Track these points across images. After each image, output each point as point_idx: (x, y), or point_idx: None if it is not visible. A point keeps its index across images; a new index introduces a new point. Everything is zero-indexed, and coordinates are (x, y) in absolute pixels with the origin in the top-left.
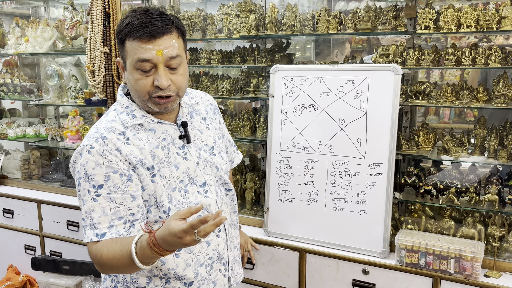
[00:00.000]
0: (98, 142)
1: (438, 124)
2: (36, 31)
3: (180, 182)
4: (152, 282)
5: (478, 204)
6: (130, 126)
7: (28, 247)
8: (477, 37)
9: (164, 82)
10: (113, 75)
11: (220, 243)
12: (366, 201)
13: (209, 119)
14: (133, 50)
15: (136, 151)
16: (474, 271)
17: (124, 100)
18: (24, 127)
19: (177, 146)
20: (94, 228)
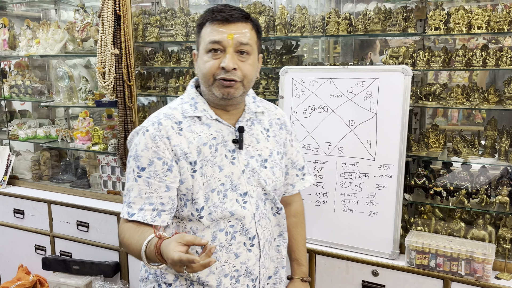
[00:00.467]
0: (153, 126)
1: (446, 126)
2: (47, 33)
3: (221, 184)
4: (178, 281)
5: (488, 206)
6: (189, 116)
7: (38, 247)
8: (485, 38)
9: (230, 64)
10: (123, 77)
11: (251, 258)
12: (376, 203)
13: (272, 131)
14: (207, 33)
15: (184, 143)
16: (485, 273)
17: (193, 91)
18: (35, 128)
19: (227, 148)
20: (129, 206)
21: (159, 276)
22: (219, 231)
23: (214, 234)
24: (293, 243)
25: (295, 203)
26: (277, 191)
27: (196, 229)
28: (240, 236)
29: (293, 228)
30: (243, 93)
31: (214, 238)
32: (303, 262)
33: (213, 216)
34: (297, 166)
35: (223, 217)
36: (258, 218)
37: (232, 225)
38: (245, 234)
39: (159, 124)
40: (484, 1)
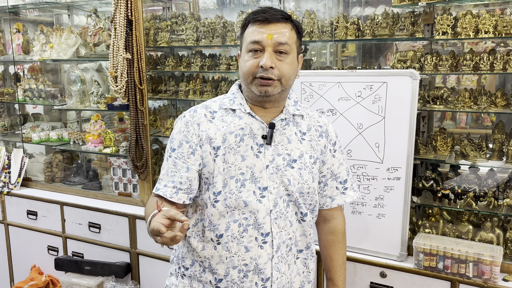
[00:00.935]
0: (189, 113)
1: (454, 129)
2: (60, 38)
3: (241, 173)
4: (194, 266)
5: (496, 209)
6: (224, 108)
7: (51, 247)
8: (494, 42)
9: (267, 62)
10: (135, 81)
11: (262, 255)
12: (384, 205)
13: (309, 136)
14: (249, 34)
15: (212, 130)
16: (492, 275)
17: (235, 88)
18: (48, 131)
19: (255, 141)
20: (158, 182)
21: (180, 259)
22: (233, 222)
23: (228, 224)
24: (329, 262)
25: (334, 220)
26: (305, 195)
27: (212, 216)
28: (252, 230)
29: (330, 247)
30: (282, 91)
31: (228, 228)
32: (339, 283)
33: (227, 202)
34: (338, 178)
35: (237, 206)
36: (275, 216)
37: (245, 218)
38: (257, 228)
39: (194, 111)
40: (492, 6)
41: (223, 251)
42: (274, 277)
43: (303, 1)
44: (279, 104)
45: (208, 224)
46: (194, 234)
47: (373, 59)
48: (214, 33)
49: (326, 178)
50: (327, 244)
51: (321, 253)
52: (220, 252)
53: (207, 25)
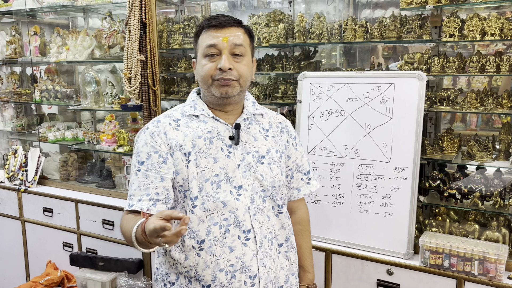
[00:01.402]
0: (153, 124)
1: (464, 131)
2: (76, 40)
3: (215, 175)
4: (179, 280)
5: (502, 208)
6: (187, 115)
7: (66, 244)
8: (505, 44)
9: (226, 64)
10: (149, 82)
11: (247, 253)
12: (391, 204)
13: (272, 132)
14: (203, 39)
15: (180, 137)
16: (497, 273)
17: (194, 95)
18: (63, 130)
19: (224, 142)
20: (130, 199)
21: (164, 276)
22: (213, 225)
23: (208, 228)
24: (298, 250)
25: (299, 210)
26: (277, 189)
27: (191, 223)
28: (234, 229)
29: (298, 236)
30: (240, 92)
31: (209, 232)
32: (309, 269)
33: (206, 205)
34: (302, 170)
35: (216, 207)
36: (253, 212)
37: (225, 218)
38: (238, 226)
39: (158, 121)
40: (503, 8)
41: (208, 256)
42: (261, 273)
43: (314, 3)
44: (238, 106)
45: (188, 232)
46: (174, 247)
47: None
48: None
49: (292, 171)
50: (295, 233)
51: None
52: (205, 257)
53: None
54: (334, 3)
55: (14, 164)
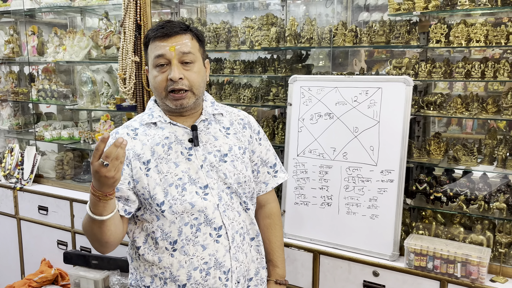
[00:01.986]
0: (112, 136)
1: (460, 134)
2: (73, 41)
3: (178, 179)
4: (154, 282)
5: (487, 212)
6: (145, 124)
7: (60, 242)
8: (502, 49)
9: (175, 74)
10: (143, 83)
11: (219, 249)
12: (378, 206)
13: (233, 129)
14: (152, 50)
15: (138, 146)
16: (480, 276)
17: (151, 103)
18: (59, 130)
19: (183, 146)
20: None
21: (139, 280)
22: (184, 225)
23: (180, 229)
24: (268, 245)
25: (269, 204)
26: (243, 185)
27: (163, 225)
28: (205, 227)
29: (268, 230)
30: (196, 100)
31: (180, 232)
32: (279, 264)
33: (174, 209)
34: (268, 164)
35: (184, 209)
36: (223, 209)
37: (195, 218)
38: (209, 224)
39: (116, 133)
40: (495, 15)
41: (181, 256)
42: (234, 267)
43: (313, 5)
44: (196, 109)
45: (160, 234)
46: (147, 250)
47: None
48: (219, 38)
49: (257, 166)
50: (264, 228)
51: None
52: (178, 257)
53: (212, 30)
54: (332, 5)
55: (11, 162)
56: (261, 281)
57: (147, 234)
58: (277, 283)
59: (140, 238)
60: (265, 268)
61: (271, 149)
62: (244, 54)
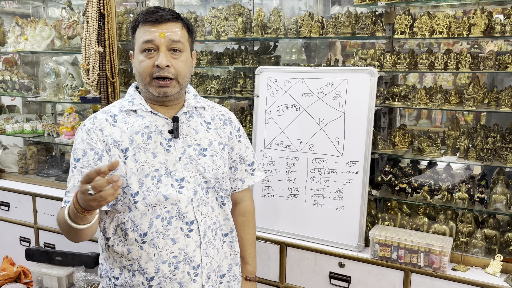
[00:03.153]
0: (90, 121)
1: (429, 127)
2: (35, 30)
3: (155, 170)
4: (123, 274)
5: (449, 202)
6: (125, 110)
7: (23, 239)
8: (469, 43)
9: (163, 61)
10: (107, 74)
11: (190, 244)
12: (343, 197)
13: (214, 124)
14: (140, 34)
15: (116, 133)
16: (442, 265)
17: (132, 90)
18: (22, 123)
19: (163, 137)
20: (66, 195)
21: (108, 271)
22: (155, 217)
23: (151, 221)
24: (240, 241)
25: (244, 202)
26: (220, 181)
27: (134, 217)
28: (176, 221)
29: (241, 227)
30: (180, 90)
31: (151, 225)
32: (250, 261)
33: (147, 200)
34: (246, 161)
35: (158, 201)
36: (197, 204)
37: (168, 211)
38: (181, 218)
39: (94, 118)
40: (458, 8)
41: (150, 249)
42: (204, 263)
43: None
44: (179, 100)
45: (131, 225)
46: (116, 241)
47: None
48: None
49: (236, 163)
50: (237, 225)
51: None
52: (147, 250)
53: None
54: None
55: None
56: (234, 277)
57: (117, 224)
58: (247, 279)
59: (110, 229)
60: (238, 265)
61: (250, 147)
62: (218, 45)
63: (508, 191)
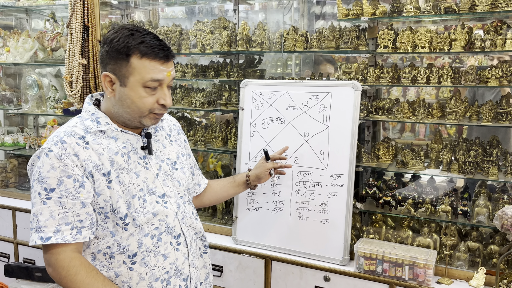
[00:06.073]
0: (57, 146)
1: (413, 140)
2: (18, 42)
3: (140, 190)
4: None
5: (433, 215)
6: (92, 132)
7: (1, 254)
8: (451, 58)
9: (170, 102)
10: (91, 86)
11: (179, 257)
12: (328, 210)
13: (173, 136)
14: (145, 68)
15: (94, 156)
16: (426, 278)
17: (91, 107)
18: (3, 135)
19: (138, 155)
20: (40, 231)
21: None
22: (144, 236)
23: (139, 241)
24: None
25: (205, 193)
26: (190, 190)
27: (121, 239)
28: (166, 236)
29: (221, 188)
30: None
31: (140, 244)
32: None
33: (137, 221)
34: (197, 166)
35: (147, 220)
36: (181, 217)
37: (156, 228)
38: (170, 233)
39: (62, 142)
40: (440, 24)
41: (142, 268)
42: (192, 274)
43: (271, 13)
44: None
45: (117, 248)
46: (99, 267)
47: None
48: (170, 41)
49: (192, 169)
50: (219, 191)
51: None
52: (138, 270)
53: (163, 33)
54: (290, 13)
55: None
56: (209, 285)
57: (97, 251)
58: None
59: (87, 256)
60: (210, 275)
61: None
62: (204, 58)
63: (490, 203)
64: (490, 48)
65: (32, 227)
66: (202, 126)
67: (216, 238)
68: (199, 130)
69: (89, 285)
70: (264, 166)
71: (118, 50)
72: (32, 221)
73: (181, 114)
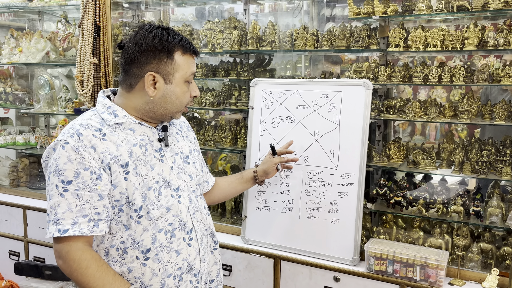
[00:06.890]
0: (73, 138)
1: (424, 143)
2: (30, 42)
3: (155, 182)
4: None
5: (445, 215)
6: (110, 124)
7: (12, 252)
8: (462, 60)
9: (199, 93)
10: (101, 85)
11: (191, 253)
12: (338, 210)
13: (184, 132)
14: (187, 63)
15: (112, 148)
16: (438, 279)
17: (107, 101)
18: (14, 134)
19: (154, 148)
20: (58, 223)
21: None
22: (158, 232)
23: (153, 237)
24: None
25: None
26: (200, 185)
27: (135, 233)
28: (179, 232)
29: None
30: None
31: (154, 240)
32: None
33: (151, 214)
34: (205, 164)
35: (161, 214)
36: (192, 211)
37: (170, 223)
38: (183, 228)
39: (79, 135)
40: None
41: (155, 264)
42: (203, 269)
43: (281, 16)
44: None
45: (131, 243)
46: (111, 263)
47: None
48: None
49: (202, 166)
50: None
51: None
52: (152, 266)
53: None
54: (299, 15)
55: None
56: (220, 282)
57: (110, 246)
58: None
59: (100, 252)
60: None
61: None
62: (210, 58)
63: (503, 204)
64: (504, 46)
65: (50, 219)
66: (211, 126)
67: (225, 238)
68: (208, 130)
69: (99, 279)
70: (271, 161)
71: (159, 49)
72: (50, 213)
73: (191, 114)
